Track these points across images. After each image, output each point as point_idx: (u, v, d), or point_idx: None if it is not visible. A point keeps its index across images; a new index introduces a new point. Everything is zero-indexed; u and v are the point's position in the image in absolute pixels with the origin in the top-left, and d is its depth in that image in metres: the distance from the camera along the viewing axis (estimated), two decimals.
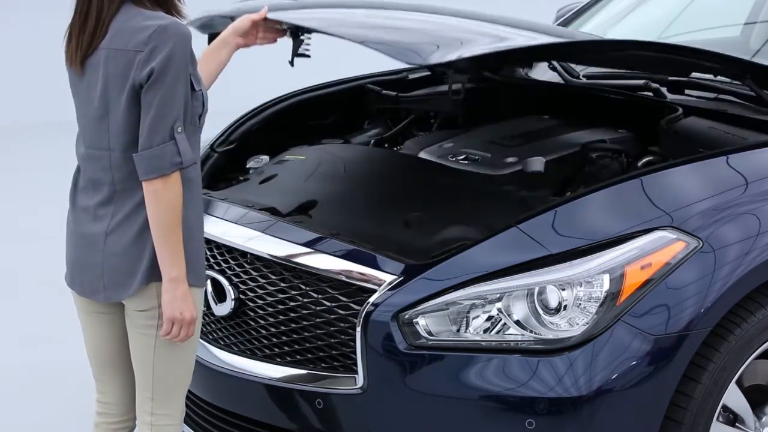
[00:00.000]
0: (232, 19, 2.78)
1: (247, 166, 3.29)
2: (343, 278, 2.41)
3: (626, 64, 3.32)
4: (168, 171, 2.14)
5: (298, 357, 2.47)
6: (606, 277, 2.26)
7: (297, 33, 2.84)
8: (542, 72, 3.83)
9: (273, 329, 2.52)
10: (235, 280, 2.59)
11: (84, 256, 2.28)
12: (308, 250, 2.50)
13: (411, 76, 3.91)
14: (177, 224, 2.17)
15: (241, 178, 3.21)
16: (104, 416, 2.45)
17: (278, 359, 2.50)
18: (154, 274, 2.21)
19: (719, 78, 3.11)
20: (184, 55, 2.15)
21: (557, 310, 2.28)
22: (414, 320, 2.31)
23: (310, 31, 2.76)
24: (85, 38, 2.19)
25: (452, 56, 2.36)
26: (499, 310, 2.29)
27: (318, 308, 2.44)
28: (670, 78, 3.31)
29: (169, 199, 2.15)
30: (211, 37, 2.92)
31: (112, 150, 2.20)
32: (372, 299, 2.34)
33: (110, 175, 2.22)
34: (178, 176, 2.16)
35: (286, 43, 2.93)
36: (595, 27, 3.91)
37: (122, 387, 2.43)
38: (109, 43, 2.17)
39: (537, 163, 2.99)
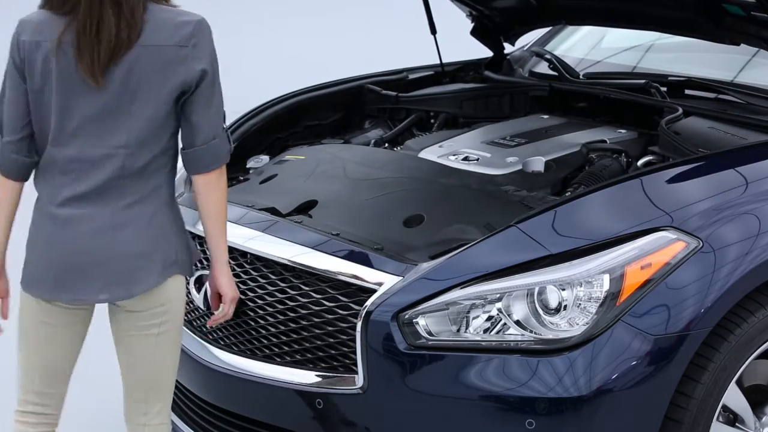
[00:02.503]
0: None
1: (247, 166, 3.29)
2: (343, 278, 2.41)
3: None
4: (226, 160, 2.26)
5: (298, 357, 2.47)
6: (606, 277, 2.26)
7: None
8: (542, 71, 3.84)
9: (273, 329, 2.52)
10: (235, 280, 2.59)
11: (80, 258, 2.21)
12: (308, 250, 2.50)
13: (411, 76, 3.92)
14: (226, 210, 2.31)
15: (241, 178, 3.21)
16: (45, 426, 2.38)
17: (278, 359, 2.51)
18: (169, 268, 2.23)
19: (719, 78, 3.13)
20: (214, 49, 2.23)
21: (557, 310, 2.27)
22: (414, 320, 2.31)
23: None
24: (103, 49, 2.11)
25: None
26: (499, 310, 2.29)
27: (318, 308, 2.44)
28: (670, 78, 3.31)
29: (224, 186, 2.28)
30: None
31: (128, 147, 2.17)
32: (372, 299, 2.34)
33: (117, 173, 2.18)
34: (224, 165, 2.28)
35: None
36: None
37: (63, 396, 2.40)
38: (143, 39, 2.13)
39: (537, 163, 3.00)
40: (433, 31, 3.76)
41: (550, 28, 4.08)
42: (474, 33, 3.93)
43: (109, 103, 2.15)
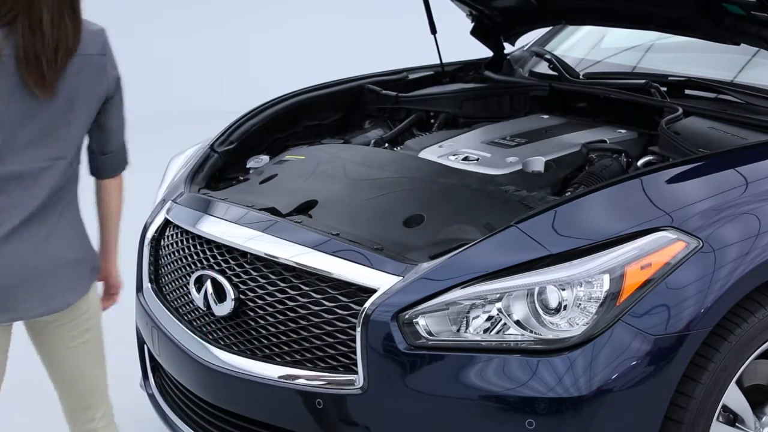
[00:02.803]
0: None
1: (247, 166, 3.29)
2: (343, 278, 2.41)
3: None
4: (129, 162, 2.39)
5: (298, 357, 2.47)
6: (606, 277, 2.26)
7: None
8: (542, 71, 3.84)
9: (273, 329, 2.52)
10: (235, 280, 2.59)
11: (23, 274, 2.16)
12: (308, 250, 2.50)
13: (411, 76, 3.92)
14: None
15: (241, 178, 3.21)
16: None
17: (278, 359, 2.50)
18: (93, 273, 2.31)
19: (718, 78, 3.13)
20: None
21: (557, 310, 2.27)
22: (414, 320, 2.31)
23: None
24: (59, 58, 2.08)
25: None
26: (499, 310, 2.29)
27: (318, 308, 2.44)
28: (670, 78, 3.31)
29: (123, 187, 2.43)
30: None
31: (66, 157, 2.19)
32: (372, 299, 2.34)
33: (58, 185, 2.19)
34: None
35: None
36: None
37: None
38: (79, 48, 2.14)
39: (537, 163, 3.00)
40: (433, 30, 3.77)
41: (551, 28, 4.08)
42: (474, 33, 3.93)
43: (53, 114, 2.14)
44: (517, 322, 2.28)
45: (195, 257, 2.74)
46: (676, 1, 3.11)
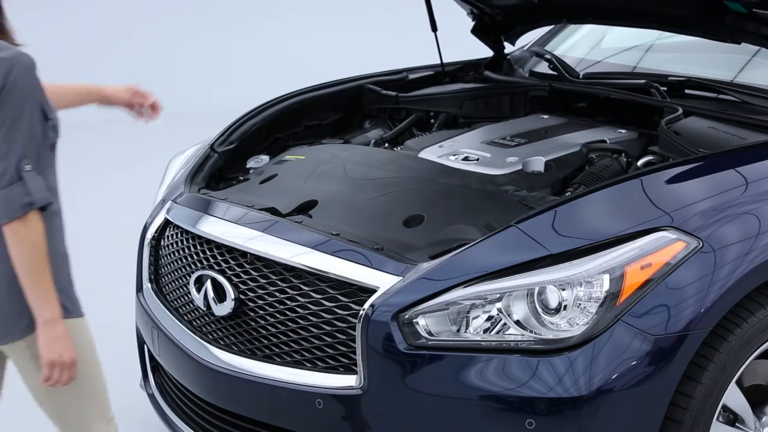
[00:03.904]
0: None
1: (247, 166, 3.29)
2: (343, 278, 2.41)
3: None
4: (19, 214, 2.03)
5: (298, 357, 2.47)
6: (606, 277, 2.26)
7: None
8: (542, 71, 3.84)
9: (273, 329, 2.52)
10: (235, 280, 2.59)
11: None
12: (308, 250, 2.50)
13: (411, 76, 3.92)
14: (43, 264, 2.07)
15: (241, 178, 3.21)
16: None
17: (278, 359, 2.50)
18: (23, 325, 2.14)
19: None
20: (29, 87, 2.02)
21: (557, 310, 2.27)
22: (414, 320, 2.31)
23: None
24: None
25: None
26: (499, 310, 2.29)
27: (318, 308, 2.44)
28: (670, 78, 3.31)
29: (30, 240, 2.05)
30: None
31: None
32: (372, 299, 2.34)
33: None
34: (35, 215, 2.06)
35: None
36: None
37: None
38: None
39: (537, 163, 3.00)
40: (434, 28, 3.76)
41: (551, 27, 4.08)
42: (474, 31, 3.93)
43: None
44: (517, 322, 2.28)
45: (195, 257, 2.74)
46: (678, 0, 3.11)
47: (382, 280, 2.36)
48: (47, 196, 2.07)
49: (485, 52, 4.03)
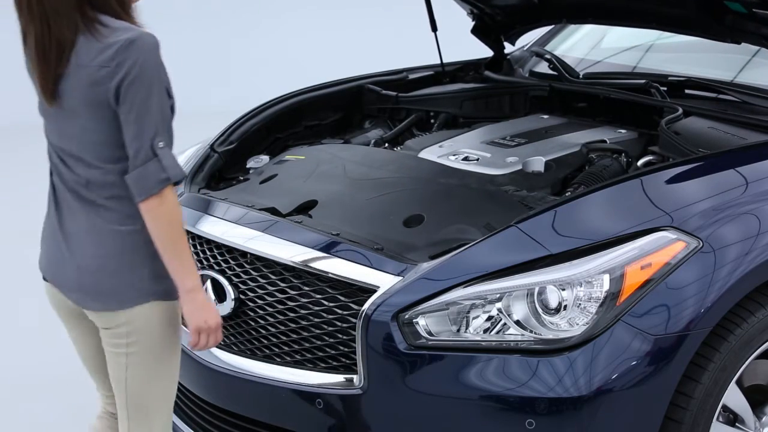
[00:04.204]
0: None
1: (247, 166, 3.30)
2: (343, 278, 2.41)
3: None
4: (156, 190, 2.05)
5: (298, 357, 2.47)
6: (606, 277, 2.26)
7: None
8: (542, 71, 3.84)
9: (273, 329, 2.52)
10: (235, 280, 2.59)
11: (59, 250, 2.19)
12: (308, 250, 2.50)
13: (411, 76, 3.92)
14: (182, 236, 2.11)
15: (241, 178, 3.21)
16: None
17: (278, 359, 2.51)
18: (136, 295, 2.15)
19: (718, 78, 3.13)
20: (155, 67, 2.06)
21: (557, 310, 2.27)
22: (414, 320, 2.31)
23: None
24: (50, 68, 2.06)
25: None
26: (499, 310, 2.29)
27: (318, 308, 2.44)
28: (670, 78, 3.31)
29: (167, 215, 2.09)
30: None
31: (88, 163, 2.12)
32: (372, 299, 2.34)
33: (83, 189, 2.14)
34: (170, 189, 2.08)
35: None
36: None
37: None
38: (76, 58, 2.05)
39: (537, 163, 3.00)
40: (434, 28, 3.76)
41: (551, 27, 4.09)
42: (474, 31, 3.94)
43: (68, 123, 2.12)
44: (517, 322, 2.28)
45: (195, 257, 2.74)
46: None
47: (382, 280, 2.36)
48: (182, 171, 2.11)
49: (485, 52, 4.03)
